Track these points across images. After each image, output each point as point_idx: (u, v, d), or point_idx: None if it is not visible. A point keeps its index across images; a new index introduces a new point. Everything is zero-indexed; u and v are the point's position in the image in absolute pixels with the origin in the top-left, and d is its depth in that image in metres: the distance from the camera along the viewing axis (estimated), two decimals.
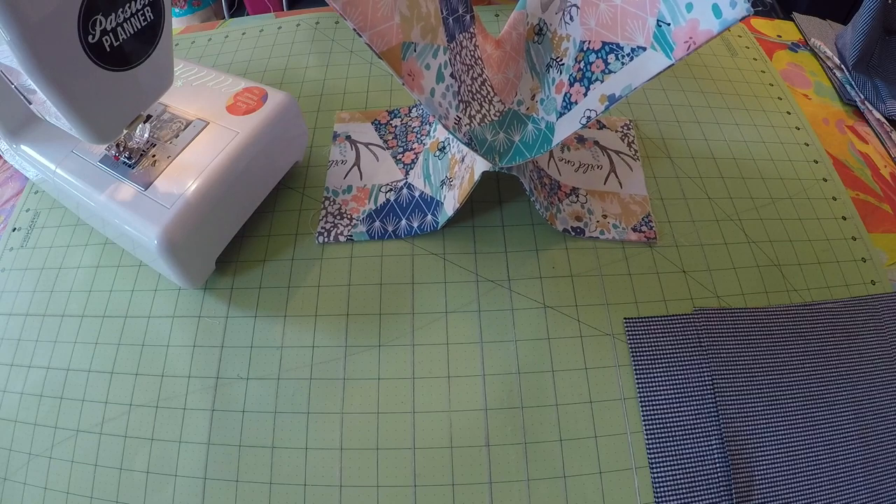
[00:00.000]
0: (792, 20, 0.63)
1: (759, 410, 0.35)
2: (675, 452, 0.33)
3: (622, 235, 0.41)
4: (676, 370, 0.36)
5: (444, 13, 0.34)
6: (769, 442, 0.34)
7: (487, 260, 0.40)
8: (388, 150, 0.47)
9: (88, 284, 0.41)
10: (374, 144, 0.47)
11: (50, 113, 0.31)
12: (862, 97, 0.53)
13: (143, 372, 0.37)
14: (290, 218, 0.43)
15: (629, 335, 0.37)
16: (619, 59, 0.31)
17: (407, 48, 0.30)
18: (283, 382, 0.36)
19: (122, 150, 0.37)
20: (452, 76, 0.34)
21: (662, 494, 0.32)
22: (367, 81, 0.53)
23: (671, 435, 0.34)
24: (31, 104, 0.32)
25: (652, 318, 0.38)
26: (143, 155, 0.37)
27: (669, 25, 0.28)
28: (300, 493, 0.33)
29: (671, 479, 0.33)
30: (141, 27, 0.30)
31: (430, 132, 0.46)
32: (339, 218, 0.42)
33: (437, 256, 0.41)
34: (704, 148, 0.47)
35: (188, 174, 0.36)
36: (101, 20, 0.27)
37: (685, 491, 0.32)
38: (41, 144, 0.40)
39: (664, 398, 0.35)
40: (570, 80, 0.34)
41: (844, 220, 0.44)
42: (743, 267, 0.41)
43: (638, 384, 0.35)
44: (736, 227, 0.43)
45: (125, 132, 0.35)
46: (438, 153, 0.43)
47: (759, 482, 0.33)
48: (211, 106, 0.40)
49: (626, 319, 0.38)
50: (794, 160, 0.47)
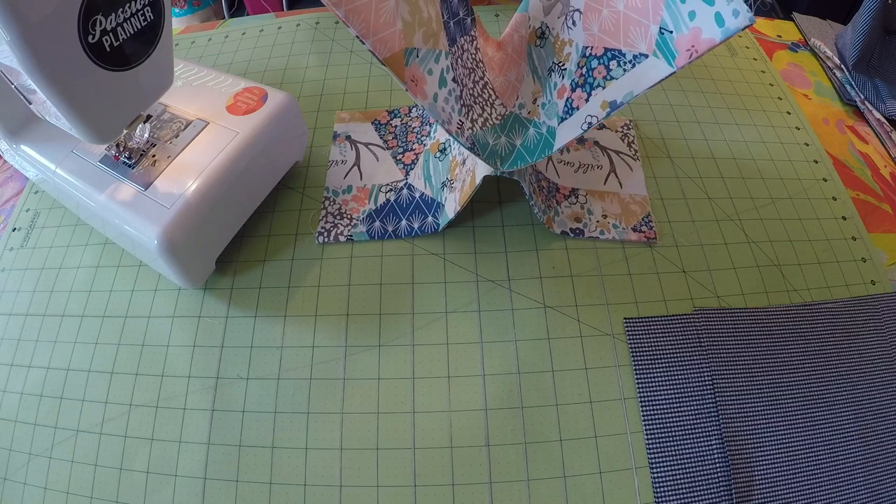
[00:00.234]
0: (792, 20, 0.63)
1: (759, 410, 0.35)
2: (675, 452, 0.33)
3: (622, 235, 0.41)
4: (676, 370, 0.36)
5: (444, 17, 0.34)
6: (769, 442, 0.34)
7: (487, 260, 0.40)
8: (388, 150, 0.47)
9: (88, 284, 0.41)
10: (374, 144, 0.47)
11: (50, 113, 0.31)
12: (862, 97, 0.53)
13: (143, 372, 0.37)
14: (290, 218, 0.43)
15: (629, 335, 0.37)
16: (621, 65, 0.31)
17: (409, 54, 0.30)
18: (283, 382, 0.36)
19: (122, 150, 0.37)
20: (454, 80, 0.34)
21: (662, 494, 0.32)
22: (367, 81, 0.53)
23: (671, 435, 0.34)
24: (31, 104, 0.32)
25: (652, 318, 0.38)
26: (143, 155, 0.37)
27: (672, 33, 0.27)
28: (300, 493, 0.33)
29: (671, 479, 0.33)
30: (141, 27, 0.30)
31: (430, 133, 0.46)
32: (339, 218, 0.42)
33: (437, 256, 0.41)
34: (704, 148, 0.47)
35: (188, 174, 0.36)
36: (101, 20, 0.27)
37: (685, 491, 0.32)
38: (41, 144, 0.40)
39: (664, 398, 0.35)
40: (571, 85, 0.34)
41: (844, 220, 0.44)
42: (743, 267, 0.41)
43: (638, 384, 0.35)
44: (736, 227, 0.43)
45: (125, 132, 0.35)
46: (439, 154, 0.43)
47: (759, 482, 0.33)
48: (211, 106, 0.40)
49: (626, 319, 0.38)
50: (794, 160, 0.47)
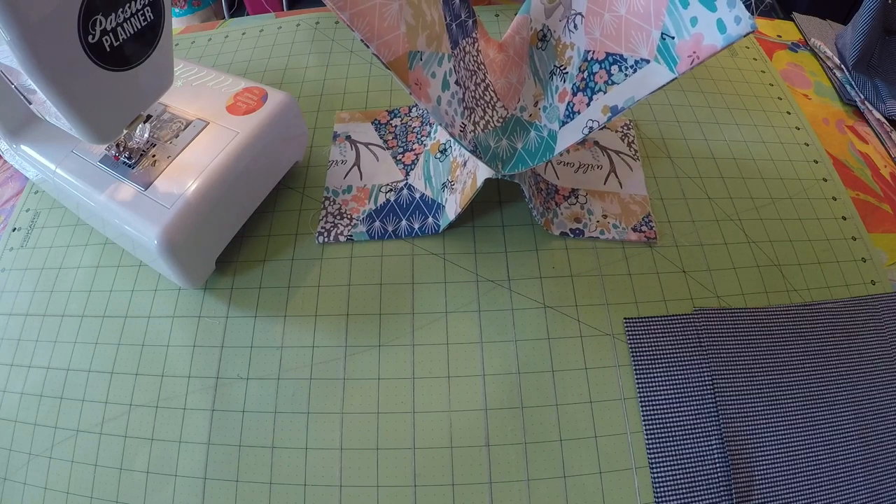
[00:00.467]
0: (792, 20, 0.63)
1: (759, 410, 0.35)
2: (675, 452, 0.33)
3: (622, 235, 0.41)
4: (676, 370, 0.36)
5: (447, 19, 0.34)
6: (769, 442, 0.34)
7: (487, 260, 0.40)
8: (388, 150, 0.47)
9: (88, 284, 0.41)
10: (374, 144, 0.47)
11: (50, 113, 0.31)
12: (862, 97, 0.53)
13: (143, 372, 0.37)
14: (290, 218, 0.43)
15: (629, 335, 0.37)
16: (622, 70, 0.31)
17: (413, 57, 0.30)
18: (283, 382, 0.36)
19: (122, 150, 0.37)
20: (457, 83, 0.34)
21: (662, 494, 0.32)
22: (367, 81, 0.53)
23: (671, 435, 0.34)
24: (31, 104, 0.32)
25: (652, 318, 0.38)
26: (143, 155, 0.37)
27: (674, 39, 0.27)
28: (300, 493, 0.33)
29: (671, 479, 0.33)
30: (141, 27, 0.30)
31: (430, 133, 0.46)
32: (339, 218, 0.42)
33: (437, 256, 0.41)
34: (704, 148, 0.47)
35: (188, 174, 0.36)
36: (101, 20, 0.27)
37: (685, 491, 0.32)
38: (41, 144, 0.40)
39: (664, 398, 0.35)
40: (573, 89, 0.34)
41: (844, 220, 0.44)
42: (743, 267, 0.41)
43: (638, 384, 0.35)
44: (736, 227, 0.43)
45: (125, 132, 0.35)
46: (439, 155, 0.43)
47: (759, 482, 0.33)
48: (211, 106, 0.40)
49: (626, 319, 0.38)
50: (794, 160, 0.47)
